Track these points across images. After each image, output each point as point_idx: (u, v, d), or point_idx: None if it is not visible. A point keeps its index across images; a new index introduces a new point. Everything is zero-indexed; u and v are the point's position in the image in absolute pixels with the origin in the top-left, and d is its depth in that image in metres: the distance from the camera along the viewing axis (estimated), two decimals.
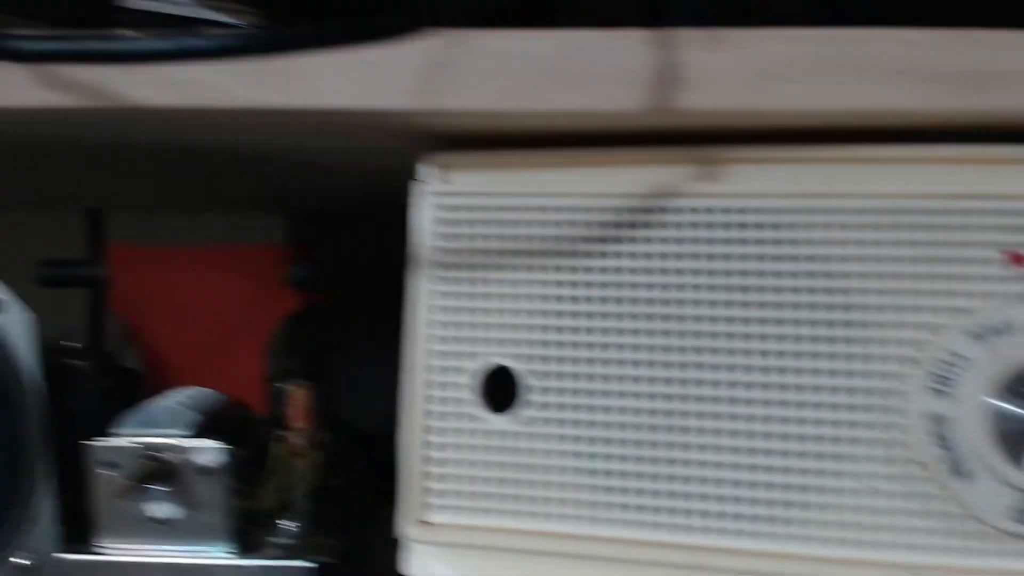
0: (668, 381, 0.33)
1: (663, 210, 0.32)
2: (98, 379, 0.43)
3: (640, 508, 0.33)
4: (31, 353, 0.37)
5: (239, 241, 0.61)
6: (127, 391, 0.46)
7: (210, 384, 0.44)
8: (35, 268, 0.43)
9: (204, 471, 0.38)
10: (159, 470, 0.38)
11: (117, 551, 0.39)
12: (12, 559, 0.39)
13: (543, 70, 0.30)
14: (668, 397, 0.33)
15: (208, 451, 0.38)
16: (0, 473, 0.38)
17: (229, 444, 0.39)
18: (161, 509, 0.39)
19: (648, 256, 0.33)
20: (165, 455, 0.38)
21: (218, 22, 0.32)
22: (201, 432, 0.40)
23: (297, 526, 0.42)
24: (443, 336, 0.35)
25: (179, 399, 0.41)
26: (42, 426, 0.38)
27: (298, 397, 0.44)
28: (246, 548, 0.39)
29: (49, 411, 0.38)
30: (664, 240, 0.32)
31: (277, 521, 0.42)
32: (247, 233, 0.74)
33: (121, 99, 0.32)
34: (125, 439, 0.39)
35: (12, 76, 0.33)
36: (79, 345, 0.42)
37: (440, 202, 0.35)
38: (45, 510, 0.38)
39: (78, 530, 0.40)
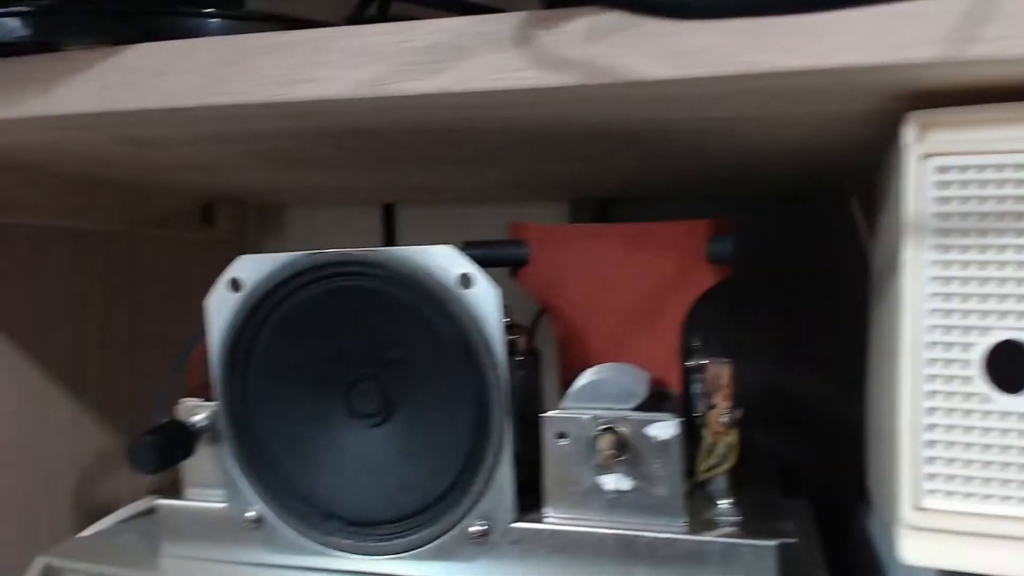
0: None
1: None
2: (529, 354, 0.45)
3: None
4: (498, 327, 0.39)
5: None
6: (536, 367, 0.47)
7: (626, 360, 0.44)
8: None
9: (658, 444, 0.38)
10: (613, 442, 0.38)
11: (568, 521, 0.40)
12: (471, 527, 0.40)
13: None
14: None
15: (663, 424, 0.38)
16: (470, 442, 0.40)
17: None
18: (613, 481, 0.39)
19: None
20: (619, 427, 0.39)
21: None
22: (646, 406, 0.40)
23: (733, 504, 0.42)
24: (944, 311, 0.33)
25: (614, 374, 0.42)
26: (507, 397, 0.39)
27: (721, 375, 0.43)
28: (692, 524, 0.39)
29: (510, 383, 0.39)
30: None
31: (717, 500, 0.42)
32: None
33: (621, 74, 0.32)
34: (582, 411, 0.39)
35: (508, 59, 0.33)
36: (512, 321, 0.43)
37: (936, 164, 0.33)
38: (506, 480, 0.40)
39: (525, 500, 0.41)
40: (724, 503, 0.41)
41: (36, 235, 0.58)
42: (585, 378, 0.41)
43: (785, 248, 0.71)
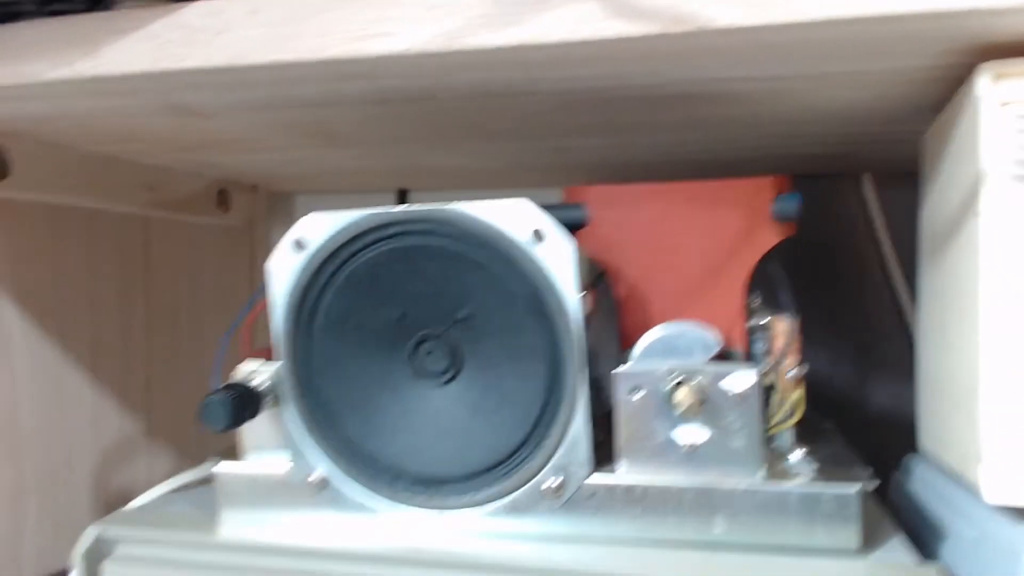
0: None
1: None
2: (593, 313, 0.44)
3: None
4: (572, 282, 0.38)
5: None
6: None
7: (690, 318, 0.44)
8: None
9: (735, 396, 0.38)
10: (690, 394, 0.38)
11: (643, 476, 0.40)
12: (546, 481, 0.40)
13: None
14: None
15: (740, 375, 0.38)
16: (544, 397, 0.39)
17: None
18: (689, 434, 0.39)
19: None
20: (695, 379, 0.39)
21: None
22: (719, 359, 0.40)
23: (807, 454, 0.42)
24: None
25: (683, 329, 0.42)
26: (581, 351, 0.39)
27: (789, 331, 0.43)
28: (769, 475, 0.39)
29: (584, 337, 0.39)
30: None
31: (786, 454, 0.42)
32: None
33: (700, 21, 0.32)
34: (657, 364, 0.39)
35: (589, 8, 0.33)
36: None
37: (1016, 112, 0.33)
38: (581, 433, 0.40)
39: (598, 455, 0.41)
40: (795, 454, 0.42)
41: (54, 214, 0.57)
42: (655, 333, 0.41)
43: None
